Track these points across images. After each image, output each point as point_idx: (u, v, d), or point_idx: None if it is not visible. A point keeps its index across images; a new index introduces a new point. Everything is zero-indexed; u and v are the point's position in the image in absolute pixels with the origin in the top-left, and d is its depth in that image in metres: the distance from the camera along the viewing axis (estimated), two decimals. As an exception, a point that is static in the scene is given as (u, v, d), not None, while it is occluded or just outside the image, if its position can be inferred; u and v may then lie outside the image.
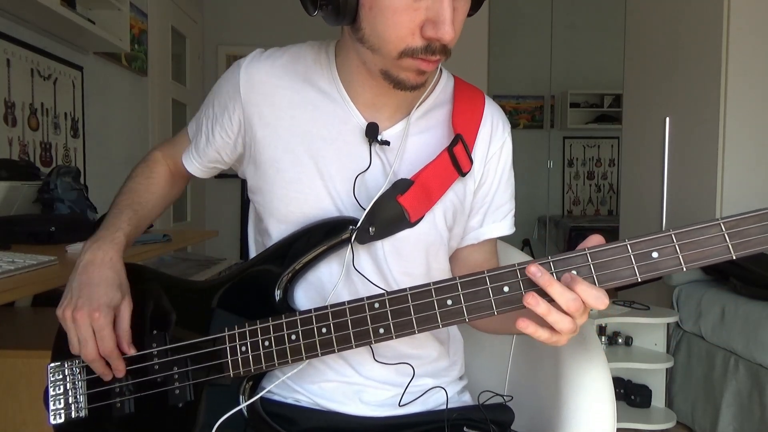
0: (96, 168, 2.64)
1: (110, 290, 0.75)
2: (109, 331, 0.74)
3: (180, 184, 0.99)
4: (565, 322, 0.61)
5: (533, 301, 0.61)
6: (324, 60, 0.84)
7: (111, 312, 0.75)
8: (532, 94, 6.06)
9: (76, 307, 0.74)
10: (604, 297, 0.61)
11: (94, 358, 0.75)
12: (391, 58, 0.71)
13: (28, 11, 1.97)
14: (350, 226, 0.76)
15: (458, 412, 0.85)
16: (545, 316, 0.61)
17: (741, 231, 0.58)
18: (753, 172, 2.61)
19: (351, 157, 0.80)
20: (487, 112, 0.86)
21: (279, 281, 0.77)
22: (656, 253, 0.61)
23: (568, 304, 0.60)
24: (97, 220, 1.87)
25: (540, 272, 0.61)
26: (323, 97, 0.82)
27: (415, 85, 0.74)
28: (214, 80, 0.89)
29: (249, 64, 0.83)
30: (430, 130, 0.83)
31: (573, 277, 0.61)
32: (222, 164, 0.90)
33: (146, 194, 0.90)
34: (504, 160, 0.87)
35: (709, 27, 2.68)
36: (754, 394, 2.03)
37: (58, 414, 0.79)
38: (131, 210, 0.86)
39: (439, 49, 0.69)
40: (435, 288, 0.66)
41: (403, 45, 0.69)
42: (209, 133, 0.87)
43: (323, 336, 0.70)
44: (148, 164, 0.95)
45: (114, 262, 0.78)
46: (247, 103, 0.82)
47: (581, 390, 0.86)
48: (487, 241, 0.89)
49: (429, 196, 0.78)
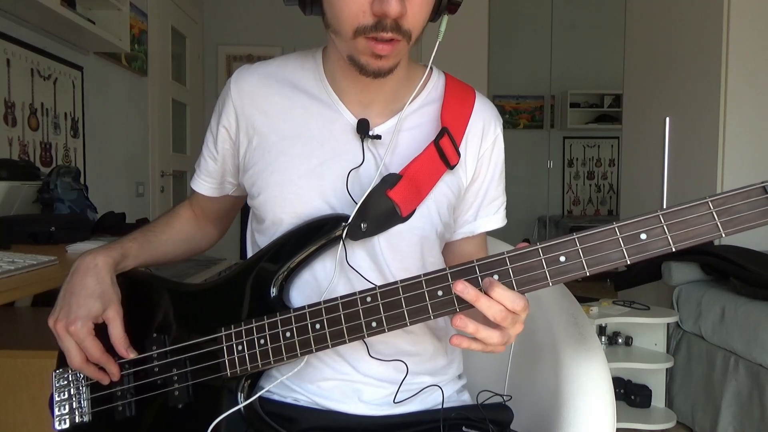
0: (96, 168, 2.64)
1: (88, 300, 0.76)
2: (90, 341, 0.75)
3: (207, 229, 0.99)
4: (494, 336, 0.64)
5: (461, 323, 0.63)
6: (311, 64, 0.86)
7: (88, 323, 0.75)
8: (532, 94, 6.06)
9: (57, 319, 0.76)
10: (519, 299, 0.62)
11: (78, 367, 0.76)
12: (348, 38, 0.72)
13: (28, 11, 1.97)
14: (342, 223, 0.77)
15: (457, 412, 0.85)
16: (474, 334, 0.64)
17: (729, 208, 0.58)
18: (753, 172, 2.60)
19: (344, 155, 0.81)
20: (477, 107, 0.87)
21: (274, 280, 0.77)
22: (644, 235, 0.60)
23: (495, 316, 0.62)
24: (97, 219, 1.88)
25: (466, 289, 0.63)
26: (312, 100, 0.83)
27: (376, 71, 0.75)
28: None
29: (238, 78, 0.86)
30: (420, 125, 0.84)
31: (491, 282, 0.63)
32: (231, 176, 0.91)
33: (163, 227, 0.92)
34: (497, 156, 0.88)
35: (709, 27, 2.68)
36: (754, 394, 2.03)
37: (63, 420, 0.80)
38: (139, 233, 0.88)
39: (391, 25, 0.70)
40: (425, 279, 0.67)
41: (355, 23, 0.70)
42: (214, 152, 0.89)
43: (317, 332, 0.71)
44: (173, 207, 0.98)
45: (99, 267, 0.78)
46: (241, 114, 0.85)
47: (581, 390, 0.86)
48: (480, 235, 0.91)
49: (418, 190, 0.79)
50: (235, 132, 0.86)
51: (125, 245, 0.83)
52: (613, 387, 0.88)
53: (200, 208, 0.97)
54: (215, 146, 0.89)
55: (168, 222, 0.93)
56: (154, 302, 0.83)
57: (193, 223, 0.97)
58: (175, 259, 0.94)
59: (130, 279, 0.83)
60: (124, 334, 0.77)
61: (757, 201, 0.57)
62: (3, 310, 1.55)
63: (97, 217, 1.92)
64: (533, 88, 6.02)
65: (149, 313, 0.82)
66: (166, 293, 0.84)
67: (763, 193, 0.57)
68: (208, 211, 0.97)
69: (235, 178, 0.91)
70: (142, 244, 0.86)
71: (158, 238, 0.89)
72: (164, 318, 0.81)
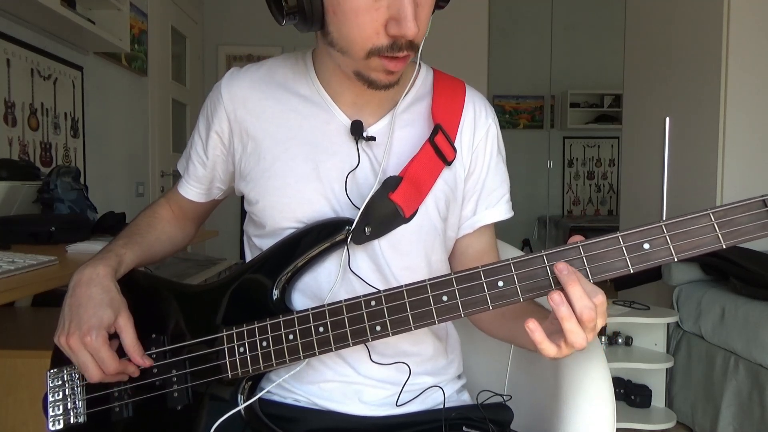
0: (96, 168, 2.64)
1: (99, 310, 0.74)
2: (106, 351, 0.73)
3: (187, 228, 0.99)
4: (580, 334, 0.60)
5: (558, 299, 0.60)
6: (302, 67, 0.86)
7: (102, 332, 0.73)
8: (532, 94, 6.06)
9: (68, 333, 0.73)
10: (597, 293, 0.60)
11: (100, 380, 0.74)
12: (359, 58, 0.72)
13: (28, 11, 1.97)
14: (346, 227, 0.77)
15: (457, 412, 0.85)
16: (564, 320, 0.60)
17: (730, 220, 0.59)
18: (753, 172, 2.61)
19: (339, 156, 0.80)
20: (468, 100, 0.87)
21: (276, 282, 0.77)
22: (647, 245, 0.61)
23: (582, 311, 0.60)
24: (97, 219, 1.88)
25: (567, 270, 0.61)
26: (305, 103, 0.83)
27: (387, 85, 0.75)
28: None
29: (229, 82, 0.85)
30: (412, 123, 0.84)
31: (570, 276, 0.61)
32: (220, 182, 0.91)
33: (147, 228, 0.90)
34: (491, 145, 0.88)
35: (708, 27, 2.68)
36: (754, 394, 2.03)
37: (57, 420, 0.79)
38: (126, 238, 0.86)
39: (405, 45, 0.70)
40: (430, 284, 0.67)
41: (369, 45, 0.70)
42: (203, 157, 0.89)
43: (320, 335, 0.71)
44: (151, 207, 0.96)
45: (102, 277, 0.76)
46: (234, 120, 0.84)
47: (581, 390, 0.86)
48: (485, 230, 0.89)
49: (419, 189, 0.79)
50: (228, 138, 0.85)
51: (119, 252, 0.81)
52: (613, 387, 0.88)
53: (180, 207, 0.96)
54: (205, 151, 0.88)
55: (150, 224, 0.92)
56: (154, 303, 0.83)
57: (173, 223, 0.96)
58: (160, 260, 0.94)
59: (130, 280, 0.82)
60: (137, 342, 0.75)
61: (757, 214, 0.59)
62: (3, 310, 1.55)
63: (97, 217, 1.92)
64: (533, 88, 6.02)
65: (148, 314, 0.81)
66: (165, 294, 0.83)
67: (764, 206, 0.59)
68: (188, 211, 0.96)
69: (224, 183, 0.91)
70: (133, 249, 0.84)
71: (145, 240, 0.88)
72: (164, 319, 0.81)
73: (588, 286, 0.61)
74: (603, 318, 0.62)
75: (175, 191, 0.94)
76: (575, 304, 0.60)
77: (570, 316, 0.60)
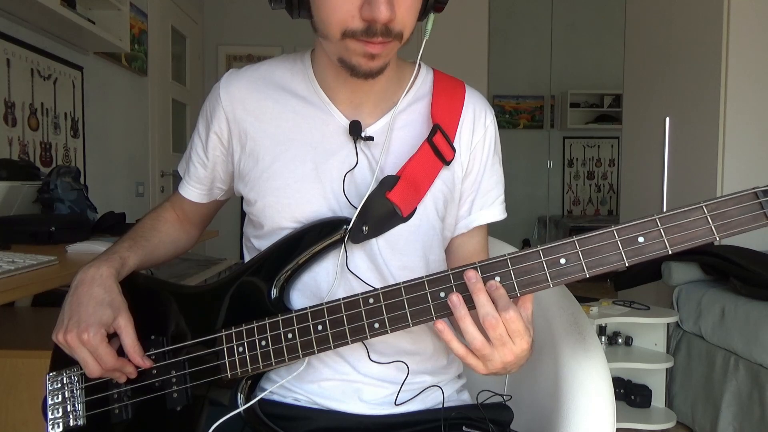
0: (96, 168, 2.65)
1: (99, 309, 0.74)
2: (104, 348, 0.73)
3: (191, 232, 0.99)
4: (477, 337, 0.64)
5: (456, 301, 0.64)
6: (300, 68, 0.86)
7: (101, 330, 0.73)
8: (532, 94, 6.06)
9: (66, 330, 0.73)
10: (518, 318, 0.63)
11: (97, 376, 0.74)
12: (336, 41, 0.72)
13: (28, 11, 1.97)
14: (344, 226, 0.77)
15: (457, 411, 0.85)
16: (460, 320, 0.64)
17: (723, 213, 0.60)
18: (753, 172, 2.60)
19: (338, 157, 0.81)
20: (468, 101, 0.87)
21: (275, 282, 0.77)
22: (642, 238, 0.62)
23: (483, 318, 0.63)
24: (97, 220, 1.88)
25: (475, 278, 0.64)
26: (304, 103, 0.83)
27: (368, 71, 0.74)
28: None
29: (227, 83, 0.86)
30: (411, 123, 0.84)
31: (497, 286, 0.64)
32: (221, 182, 0.91)
33: (151, 231, 0.91)
34: (488, 146, 0.88)
35: (708, 26, 2.68)
36: (754, 394, 2.03)
37: (56, 423, 0.79)
38: (131, 240, 0.86)
39: (381, 30, 0.70)
40: (428, 280, 0.67)
41: (343, 27, 0.70)
42: (204, 158, 0.89)
43: (319, 333, 0.71)
44: (156, 210, 0.96)
45: (104, 277, 0.77)
46: (233, 121, 0.84)
47: (581, 390, 0.86)
48: (478, 231, 0.90)
49: (417, 189, 0.79)
50: (227, 139, 0.86)
51: (122, 254, 0.82)
52: (613, 387, 0.88)
53: (183, 211, 0.96)
54: (205, 152, 0.88)
55: (154, 226, 0.92)
56: (153, 304, 0.83)
57: (177, 226, 0.96)
58: (163, 263, 0.94)
59: (130, 281, 0.82)
60: (137, 343, 0.75)
61: (749, 206, 0.60)
62: (3, 310, 1.55)
63: (97, 217, 1.92)
64: (533, 88, 6.02)
65: (147, 315, 0.81)
66: (165, 295, 0.83)
67: (755, 198, 0.60)
68: (192, 214, 0.96)
69: (225, 183, 0.91)
70: (136, 252, 0.84)
71: (149, 243, 0.88)
72: (163, 320, 0.81)
73: (502, 300, 0.63)
74: (520, 337, 0.64)
75: (177, 194, 0.95)
76: (479, 311, 0.63)
77: (465, 317, 0.64)
